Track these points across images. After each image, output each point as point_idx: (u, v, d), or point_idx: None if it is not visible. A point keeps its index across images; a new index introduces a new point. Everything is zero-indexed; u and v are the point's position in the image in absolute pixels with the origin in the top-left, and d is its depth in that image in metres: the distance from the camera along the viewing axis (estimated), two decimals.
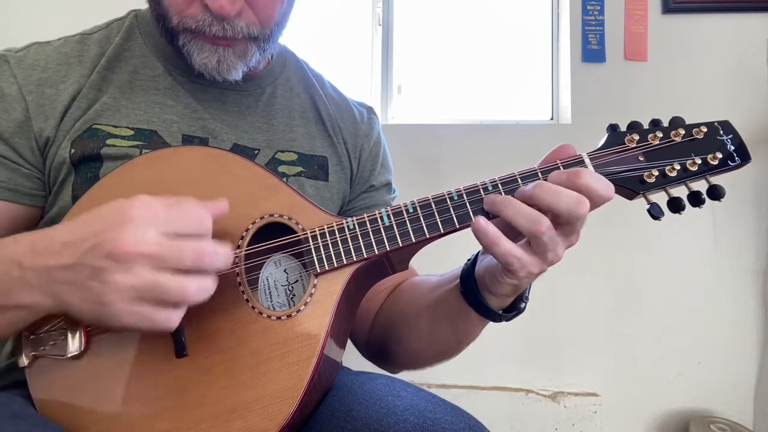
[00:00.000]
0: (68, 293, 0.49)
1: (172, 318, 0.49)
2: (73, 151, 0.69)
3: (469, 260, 0.67)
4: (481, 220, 0.57)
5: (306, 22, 2.07)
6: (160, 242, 0.47)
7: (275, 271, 0.64)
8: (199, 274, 0.49)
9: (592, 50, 1.89)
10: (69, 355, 0.56)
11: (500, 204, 0.57)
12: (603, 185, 0.56)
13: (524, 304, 0.66)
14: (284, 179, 0.75)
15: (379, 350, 0.80)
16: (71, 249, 0.48)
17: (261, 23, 0.70)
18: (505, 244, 0.56)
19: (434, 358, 0.74)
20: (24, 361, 0.57)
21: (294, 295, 0.65)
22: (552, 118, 2.04)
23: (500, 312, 0.64)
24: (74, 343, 0.56)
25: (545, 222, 0.54)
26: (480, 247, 0.66)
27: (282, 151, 0.79)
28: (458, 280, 0.66)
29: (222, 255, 0.51)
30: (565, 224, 0.56)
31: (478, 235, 0.57)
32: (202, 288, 0.50)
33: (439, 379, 1.83)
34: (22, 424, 0.52)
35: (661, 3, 1.87)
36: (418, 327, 0.72)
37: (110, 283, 0.47)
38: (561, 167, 0.59)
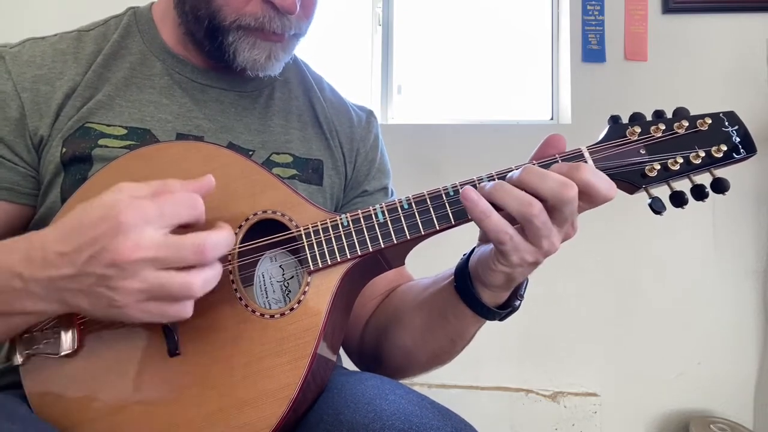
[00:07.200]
0: (76, 298, 0.49)
1: (185, 309, 0.50)
2: (64, 150, 0.68)
3: (465, 255, 0.66)
4: (471, 191, 0.55)
5: None
6: (159, 243, 0.47)
7: (271, 267, 0.64)
8: (202, 267, 0.50)
9: (592, 50, 1.88)
10: (62, 354, 0.56)
11: (491, 189, 0.55)
12: (603, 183, 0.54)
13: (519, 301, 0.65)
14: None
15: (372, 356, 0.78)
16: (68, 259, 0.48)
17: (306, 18, 0.74)
18: (497, 218, 0.54)
19: (428, 360, 0.73)
20: (18, 359, 0.57)
21: (290, 291, 0.64)
22: (552, 118, 2.03)
23: (493, 308, 0.63)
24: (67, 342, 0.56)
25: (537, 204, 0.52)
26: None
27: (277, 153, 0.78)
28: (453, 276, 0.65)
29: (223, 243, 0.51)
30: (554, 210, 0.53)
31: (467, 206, 0.55)
32: (207, 280, 0.50)
33: (439, 379, 1.83)
34: (18, 424, 0.52)
35: (661, 3, 1.87)
36: (412, 325, 0.71)
37: (118, 289, 0.47)
38: (560, 161, 0.58)
